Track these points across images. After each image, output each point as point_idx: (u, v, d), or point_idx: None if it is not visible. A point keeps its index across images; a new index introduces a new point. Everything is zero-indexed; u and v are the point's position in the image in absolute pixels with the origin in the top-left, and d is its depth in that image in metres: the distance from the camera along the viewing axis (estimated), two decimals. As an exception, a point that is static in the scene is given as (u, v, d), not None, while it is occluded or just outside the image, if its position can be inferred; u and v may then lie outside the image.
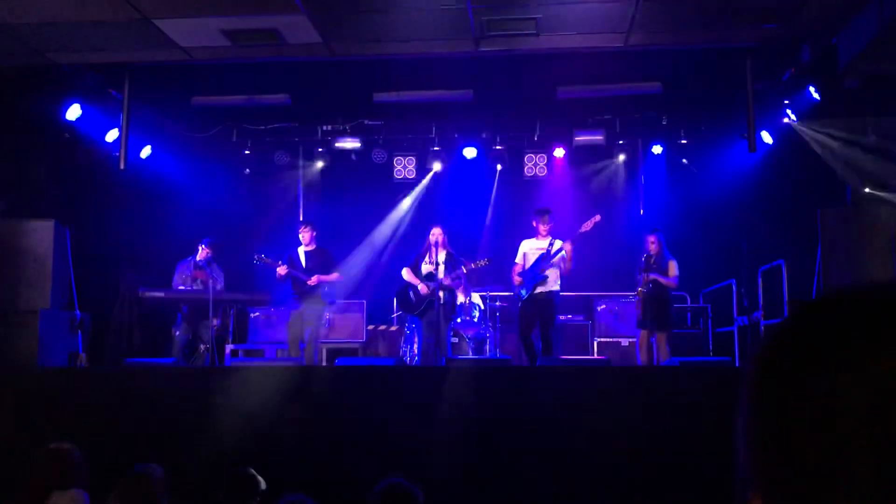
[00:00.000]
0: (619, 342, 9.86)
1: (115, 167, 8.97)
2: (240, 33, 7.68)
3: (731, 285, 9.69)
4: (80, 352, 7.78)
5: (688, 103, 10.33)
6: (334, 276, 8.91)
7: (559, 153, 11.00)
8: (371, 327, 10.45)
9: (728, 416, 0.70)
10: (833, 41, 7.75)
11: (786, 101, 9.21)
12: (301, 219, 10.92)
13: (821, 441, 0.60)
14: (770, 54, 8.31)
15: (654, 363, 8.14)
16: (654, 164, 10.99)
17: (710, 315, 9.96)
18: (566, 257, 8.29)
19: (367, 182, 11.44)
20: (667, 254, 8.51)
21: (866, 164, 8.49)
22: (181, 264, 9.24)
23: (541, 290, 8.33)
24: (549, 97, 9.92)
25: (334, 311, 9.88)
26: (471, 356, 9.09)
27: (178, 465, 5.12)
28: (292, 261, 8.90)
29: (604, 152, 10.87)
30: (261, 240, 10.31)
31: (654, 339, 8.38)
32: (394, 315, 10.48)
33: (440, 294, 8.25)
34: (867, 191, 8.05)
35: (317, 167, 11.43)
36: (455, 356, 8.44)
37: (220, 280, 9.19)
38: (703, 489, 5.16)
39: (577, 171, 11.24)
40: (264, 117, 10.83)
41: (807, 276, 7.68)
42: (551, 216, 8.55)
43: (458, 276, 8.41)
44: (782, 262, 8.65)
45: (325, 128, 11.08)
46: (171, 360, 8.11)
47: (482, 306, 9.70)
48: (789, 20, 7.38)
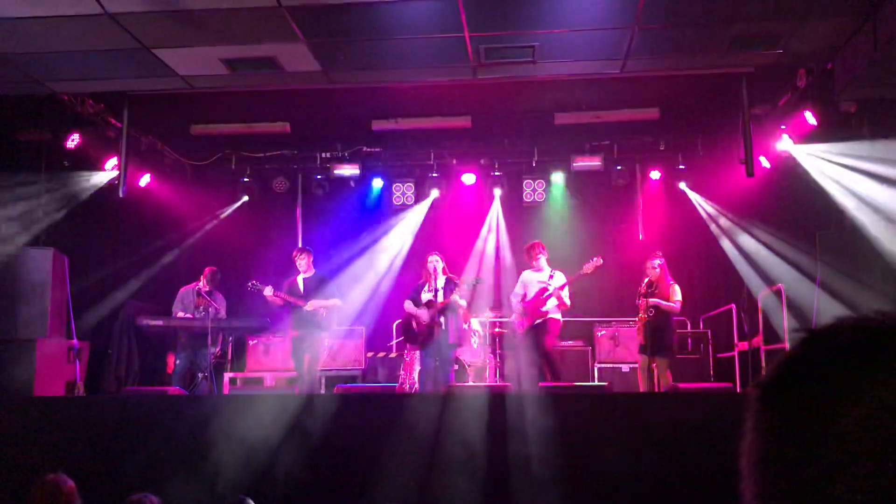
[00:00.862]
0: (620, 368, 9.82)
1: (113, 195, 8.99)
2: (239, 62, 7.72)
3: (731, 310, 9.67)
4: (78, 381, 7.75)
5: (685, 128, 10.38)
6: (333, 303, 8.89)
7: (557, 179, 11.03)
8: (370, 354, 10.41)
9: (729, 442, 0.71)
10: (829, 66, 7.79)
11: (783, 126, 9.24)
12: (300, 245, 10.92)
13: (819, 464, 0.63)
14: (766, 79, 8.36)
15: (655, 389, 8.10)
16: (652, 189, 11.02)
17: (710, 340, 9.93)
18: (564, 296, 8.36)
19: (366, 209, 11.45)
20: (668, 279, 8.50)
21: (864, 188, 8.50)
22: (182, 292, 9.23)
23: (539, 320, 8.37)
24: (547, 123, 9.97)
25: (333, 338, 9.84)
26: (471, 383, 9.05)
27: (174, 495, 5.07)
28: (291, 288, 8.89)
29: (602, 178, 10.90)
30: (259, 267, 10.30)
31: (654, 364, 8.34)
32: (393, 342, 10.44)
33: (441, 320, 8.24)
34: (864, 215, 8.06)
35: (316, 194, 11.44)
36: (455, 383, 8.40)
37: (223, 308, 9.18)
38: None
39: (575, 196, 11.26)
40: (263, 145, 10.87)
41: (807, 300, 7.67)
42: (537, 248, 8.60)
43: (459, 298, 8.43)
44: (781, 286, 8.63)
45: (323, 155, 11.11)
46: (169, 388, 8.07)
47: (482, 332, 9.67)
48: (785, 46, 7.43)
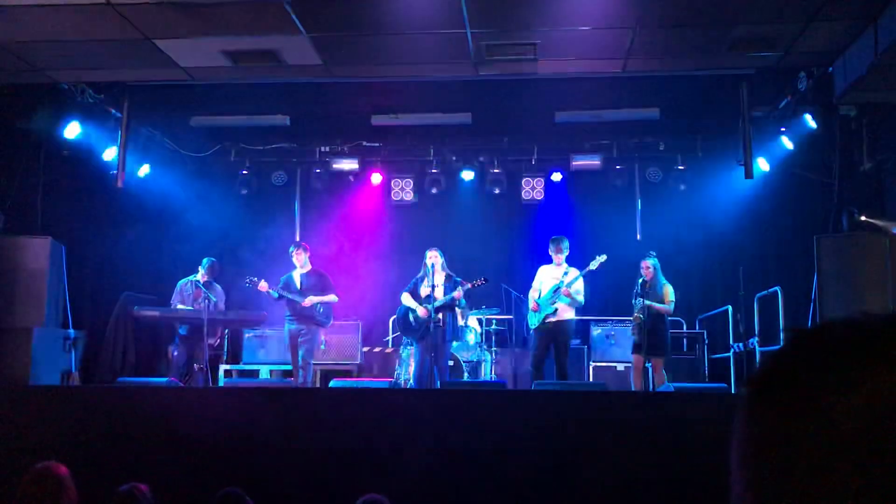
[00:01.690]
0: (615, 367, 9.84)
1: (112, 185, 8.98)
2: (240, 54, 7.71)
3: (727, 311, 9.69)
4: (73, 370, 7.74)
5: (685, 129, 10.39)
6: (330, 298, 8.90)
7: (556, 177, 11.04)
8: (366, 349, 10.42)
9: (724, 443, 0.71)
10: (829, 70, 7.80)
11: (782, 129, 9.25)
12: (297, 239, 10.91)
13: (809, 461, 0.63)
14: (767, 82, 8.38)
15: (650, 389, 8.11)
16: (651, 189, 11.02)
17: (706, 341, 9.94)
18: (579, 292, 8.37)
19: (365, 203, 11.45)
20: (661, 279, 8.52)
21: (862, 191, 8.52)
22: (182, 283, 9.22)
23: (551, 319, 8.37)
24: (548, 121, 9.97)
25: (329, 333, 9.84)
26: (466, 379, 9.06)
27: (166, 485, 5.07)
28: (288, 284, 8.89)
29: (601, 177, 10.90)
30: (256, 260, 10.29)
31: (649, 364, 8.36)
32: (389, 337, 10.45)
33: (439, 316, 8.25)
34: (863, 218, 8.07)
35: (314, 188, 11.43)
36: (450, 379, 8.42)
37: (222, 300, 9.18)
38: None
39: (574, 195, 11.26)
40: (263, 137, 10.86)
41: (803, 303, 7.69)
42: (564, 244, 8.58)
43: (458, 296, 8.43)
44: (778, 288, 8.65)
45: (323, 149, 11.11)
46: (163, 379, 8.07)
47: (478, 329, 9.68)
48: (786, 49, 7.44)
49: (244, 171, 11.06)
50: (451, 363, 8.84)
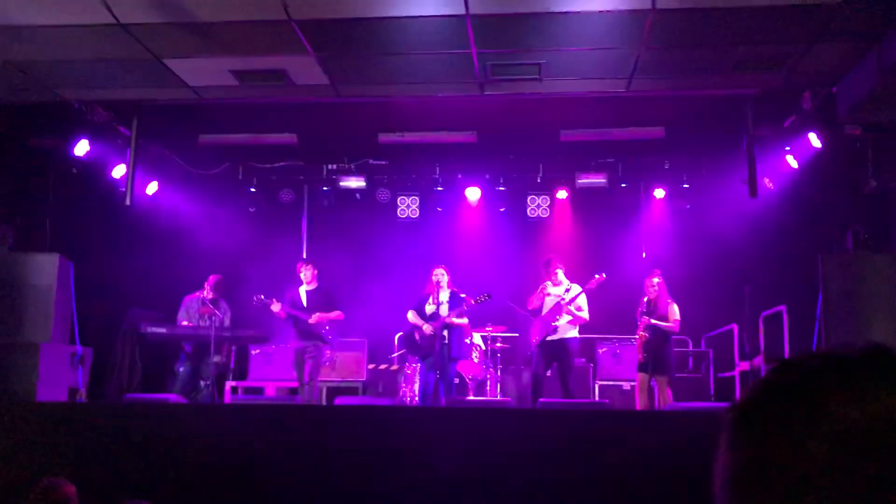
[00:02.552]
0: (621, 386, 9.82)
1: (120, 203, 9.05)
2: (248, 74, 7.79)
3: (732, 330, 9.68)
4: (80, 387, 7.78)
5: (690, 148, 10.41)
6: (335, 315, 8.93)
7: (562, 195, 11.07)
8: (372, 366, 10.42)
9: None
10: (833, 90, 7.84)
11: (787, 148, 9.28)
12: (304, 256, 10.96)
13: (789, 480, 0.66)
14: (771, 101, 8.41)
15: (655, 407, 8.10)
16: (656, 207, 11.05)
17: (711, 360, 9.93)
18: (581, 308, 8.39)
19: (371, 221, 11.50)
20: (666, 297, 8.52)
21: (868, 211, 8.53)
22: (187, 300, 9.26)
23: (553, 336, 8.38)
24: (553, 140, 10.02)
25: (335, 350, 9.87)
26: (471, 397, 9.06)
27: (172, 502, 5.09)
28: (293, 300, 8.93)
29: (606, 195, 10.94)
30: (264, 277, 10.33)
31: (654, 383, 8.36)
32: (395, 354, 10.46)
33: (444, 333, 8.27)
34: (867, 237, 8.08)
35: (321, 206, 11.49)
36: (456, 397, 8.43)
37: (228, 317, 9.22)
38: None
39: (579, 212, 11.30)
40: (270, 156, 10.94)
41: (808, 322, 7.68)
42: (554, 264, 8.62)
43: (461, 314, 8.46)
44: (784, 307, 8.64)
45: (330, 167, 11.17)
46: (170, 396, 8.10)
47: (483, 347, 9.69)
48: (790, 69, 7.48)
49: (252, 189, 11.13)
50: (456, 381, 8.85)
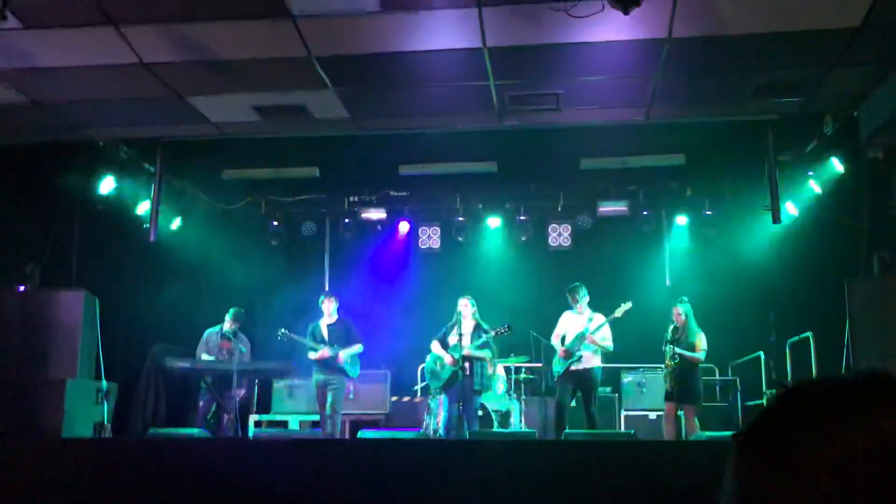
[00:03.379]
0: (647, 415, 9.71)
1: (145, 238, 9.15)
2: (270, 109, 7.90)
3: (759, 357, 9.55)
4: (105, 422, 7.81)
5: (711, 174, 10.37)
6: (356, 348, 8.96)
7: (584, 224, 11.05)
8: (395, 398, 10.39)
9: None
10: (854, 114, 7.80)
11: (809, 173, 9.21)
12: (326, 289, 11.00)
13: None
14: (793, 126, 8.38)
15: (682, 438, 8.00)
16: (679, 234, 10.99)
17: (738, 388, 9.80)
18: (606, 339, 8.34)
19: (393, 252, 11.53)
20: (693, 326, 8.44)
21: (893, 235, 8.42)
22: (208, 333, 9.32)
23: (576, 367, 8.32)
24: (573, 168, 10.03)
25: (358, 382, 9.86)
26: (495, 429, 8.99)
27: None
28: (314, 333, 8.96)
29: (628, 223, 10.90)
30: (287, 310, 10.37)
31: (681, 412, 8.26)
32: (418, 386, 10.43)
33: (466, 365, 8.23)
34: (893, 261, 7.97)
35: (343, 238, 11.55)
36: (479, 429, 8.37)
37: (247, 350, 9.25)
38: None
39: (601, 241, 11.26)
40: (293, 189, 11.03)
41: (836, 348, 7.57)
42: (580, 292, 8.57)
43: (485, 344, 8.42)
44: (810, 333, 8.53)
45: (351, 199, 11.24)
46: (194, 430, 8.12)
47: (506, 378, 9.63)
48: (810, 94, 7.45)
49: (274, 223, 11.21)
50: (479, 413, 8.80)
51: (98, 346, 8.04)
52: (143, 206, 9.67)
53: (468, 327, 8.51)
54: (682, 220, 10.80)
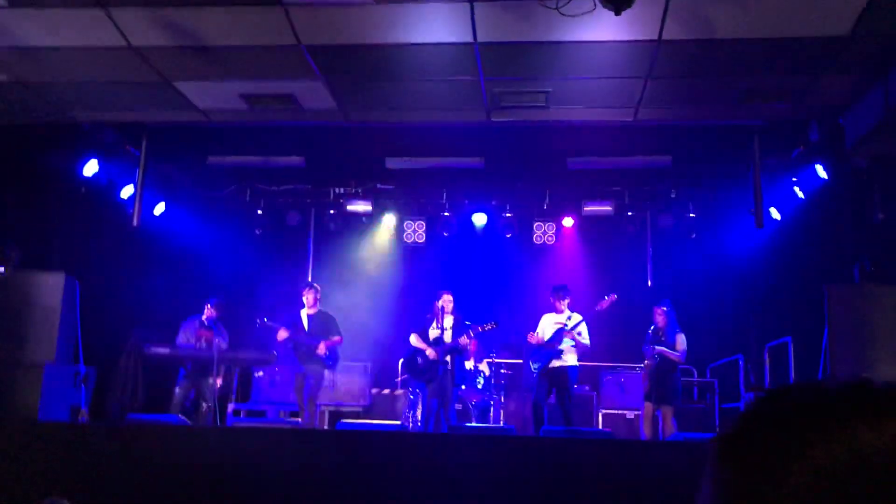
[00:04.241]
0: (625, 415, 9.76)
1: (128, 223, 9.08)
2: (257, 97, 7.85)
3: (738, 360, 9.62)
4: (83, 406, 7.76)
5: (697, 177, 10.43)
6: (337, 340, 8.96)
7: (568, 222, 11.09)
8: (375, 391, 10.39)
9: None
10: (840, 121, 7.85)
11: (794, 179, 9.28)
12: (310, 279, 10.97)
13: None
14: (778, 132, 8.43)
15: (659, 437, 8.04)
16: (662, 236, 11.04)
17: (716, 390, 9.86)
18: (582, 335, 8.35)
19: (377, 245, 11.52)
20: (675, 327, 8.49)
21: (875, 243, 8.50)
22: (186, 322, 9.27)
23: (555, 363, 8.32)
24: (559, 167, 10.05)
25: (338, 373, 9.85)
26: (474, 424, 9.01)
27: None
28: (295, 324, 8.95)
29: (613, 223, 10.94)
30: (269, 300, 10.34)
31: (659, 412, 8.30)
32: (398, 379, 10.43)
33: (447, 359, 8.24)
34: (874, 269, 8.05)
35: (328, 229, 11.52)
36: (458, 424, 8.38)
37: (225, 340, 9.21)
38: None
39: (585, 240, 11.29)
40: (278, 179, 10.99)
41: (814, 353, 7.64)
42: (567, 293, 8.59)
43: (468, 341, 8.44)
44: (789, 338, 8.60)
45: (337, 190, 11.21)
46: (173, 416, 8.07)
47: (487, 373, 9.65)
48: (797, 101, 7.50)
49: (259, 212, 11.16)
50: (459, 407, 8.81)
51: (77, 330, 7.98)
52: (127, 191, 9.60)
53: (449, 322, 8.52)
54: (666, 222, 10.84)
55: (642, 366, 8.65)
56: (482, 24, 6.25)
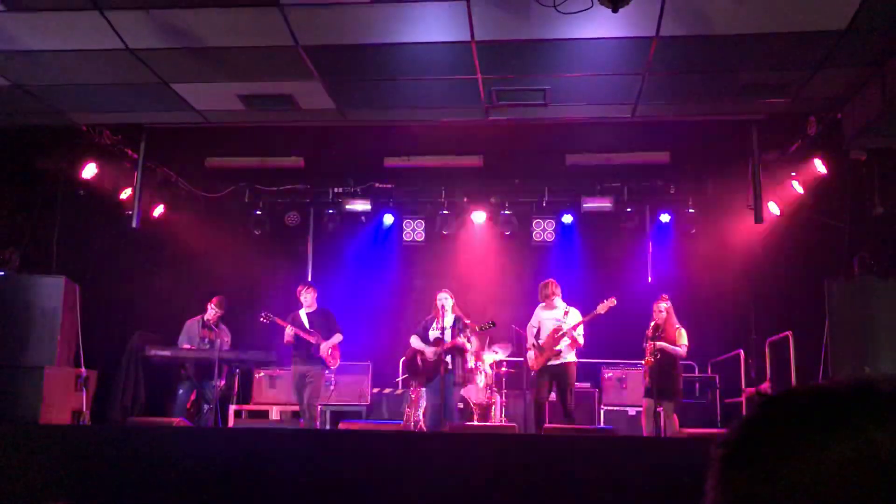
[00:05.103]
0: (626, 411, 9.76)
1: (127, 225, 9.08)
2: (255, 98, 7.85)
3: (739, 355, 9.62)
4: (84, 409, 7.76)
5: (696, 173, 10.43)
6: (336, 338, 8.97)
7: (567, 219, 11.07)
8: (376, 390, 10.39)
9: None
10: (838, 116, 7.85)
11: (793, 173, 9.27)
12: (309, 279, 10.97)
13: None
14: (777, 126, 8.42)
15: (661, 434, 8.04)
16: (662, 231, 11.04)
17: (718, 385, 9.86)
18: (577, 335, 8.36)
19: (376, 244, 11.51)
20: (675, 322, 8.48)
21: (874, 237, 8.50)
22: (189, 323, 9.28)
23: (554, 361, 8.34)
24: (558, 164, 10.05)
25: (339, 373, 9.85)
26: (475, 422, 9.01)
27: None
28: (295, 322, 8.95)
29: (612, 219, 10.94)
30: (269, 300, 10.34)
31: (660, 408, 8.30)
32: (398, 379, 10.43)
33: (447, 359, 8.24)
34: (873, 262, 8.05)
35: (327, 229, 11.51)
36: (459, 422, 8.39)
37: (227, 340, 9.22)
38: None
39: (585, 237, 11.29)
40: (276, 179, 10.98)
41: (815, 347, 7.64)
42: (550, 288, 8.61)
43: (466, 339, 8.44)
44: (790, 333, 8.60)
45: (336, 190, 11.21)
46: (174, 419, 8.07)
47: (488, 372, 9.65)
48: (795, 95, 7.49)
49: (258, 212, 11.15)
50: (460, 406, 8.81)
51: (78, 333, 7.98)
52: (126, 192, 9.59)
53: (449, 321, 8.52)
54: (665, 218, 10.84)
55: (643, 362, 8.65)
56: (479, 22, 6.24)
